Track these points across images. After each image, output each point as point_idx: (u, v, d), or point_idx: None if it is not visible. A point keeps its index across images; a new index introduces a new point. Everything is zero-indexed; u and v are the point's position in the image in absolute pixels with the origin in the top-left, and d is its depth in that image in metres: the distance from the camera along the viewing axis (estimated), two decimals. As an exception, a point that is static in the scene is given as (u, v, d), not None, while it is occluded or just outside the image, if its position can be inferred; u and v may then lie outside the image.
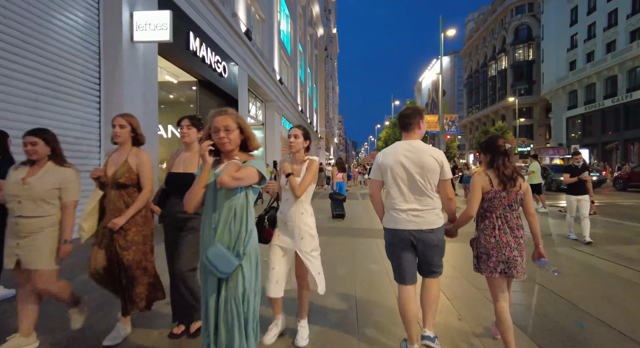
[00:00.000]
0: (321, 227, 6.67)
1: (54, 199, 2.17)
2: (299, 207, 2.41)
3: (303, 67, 29.74)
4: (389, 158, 2.14)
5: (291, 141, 2.41)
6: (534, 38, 49.95)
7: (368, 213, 8.83)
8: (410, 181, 2.08)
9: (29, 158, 2.18)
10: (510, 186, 2.11)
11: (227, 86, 10.64)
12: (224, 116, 1.71)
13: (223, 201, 1.66)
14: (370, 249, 4.86)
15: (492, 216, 2.13)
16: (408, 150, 2.10)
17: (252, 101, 15.75)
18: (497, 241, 2.08)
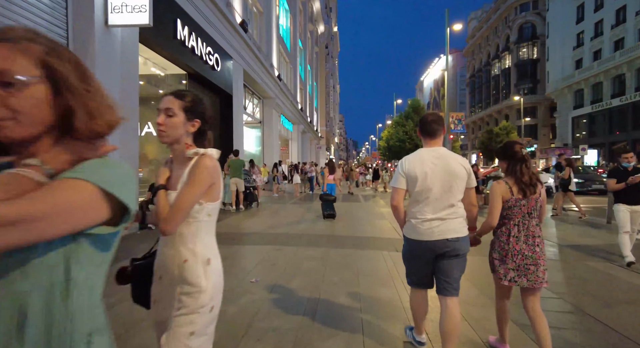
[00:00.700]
0: (320, 236, 6.03)
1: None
2: (179, 249, 1.28)
3: (303, 65, 29.04)
4: (415, 165, 2.04)
5: (160, 123, 1.28)
6: (539, 36, 49.26)
7: (372, 218, 8.13)
8: (439, 189, 1.99)
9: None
10: (530, 193, 2.09)
11: (220, 80, 9.95)
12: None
13: None
14: (378, 265, 4.15)
15: (509, 223, 2.12)
16: (435, 157, 2.03)
17: (248, 98, 15.05)
18: (509, 249, 2.08)
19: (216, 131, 10.51)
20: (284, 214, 8.52)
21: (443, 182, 1.98)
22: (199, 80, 9.06)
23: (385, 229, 6.60)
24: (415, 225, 2.02)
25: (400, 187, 2.08)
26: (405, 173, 2.06)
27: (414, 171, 2.02)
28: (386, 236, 5.90)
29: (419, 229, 2.01)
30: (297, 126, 25.16)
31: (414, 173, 2.02)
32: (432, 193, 1.99)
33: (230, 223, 7.15)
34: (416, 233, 2.02)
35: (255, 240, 5.52)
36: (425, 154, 2.06)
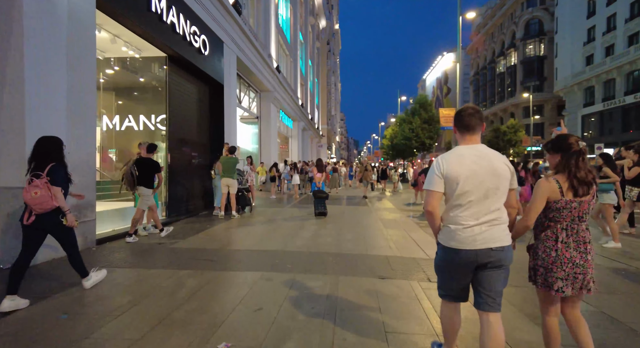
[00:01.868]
0: (324, 254, 4.57)
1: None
2: None
3: (304, 59, 27.81)
4: (455, 165, 1.80)
5: None
6: (546, 33, 48.15)
7: (383, 227, 6.88)
8: (483, 192, 1.76)
9: None
10: (583, 192, 1.88)
11: (209, 67, 8.69)
12: None
13: None
14: (410, 309, 2.90)
15: (557, 227, 1.92)
16: (477, 156, 1.80)
17: (244, 90, 13.80)
18: (558, 256, 1.89)
19: (204, 125, 9.26)
20: (281, 222, 7.27)
21: (487, 184, 1.77)
22: (183, 65, 7.80)
23: (403, 243, 5.34)
24: (455, 232, 1.80)
25: (436, 190, 1.84)
26: (443, 174, 1.82)
27: (453, 172, 1.79)
28: (408, 254, 4.65)
29: (459, 236, 1.79)
30: (297, 123, 23.92)
31: (454, 174, 1.79)
32: (474, 196, 1.77)
33: (214, 235, 5.90)
34: (455, 240, 1.80)
35: (239, 261, 4.27)
36: (465, 152, 1.84)
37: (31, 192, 2.71)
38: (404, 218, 7.98)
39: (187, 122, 8.25)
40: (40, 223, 2.80)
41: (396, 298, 3.06)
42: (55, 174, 2.82)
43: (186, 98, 8.21)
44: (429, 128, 23.56)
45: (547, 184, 1.91)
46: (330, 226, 6.76)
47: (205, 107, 9.34)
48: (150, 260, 4.20)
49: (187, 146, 8.20)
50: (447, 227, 1.85)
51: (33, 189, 2.72)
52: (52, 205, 2.78)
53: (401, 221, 7.43)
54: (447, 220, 1.86)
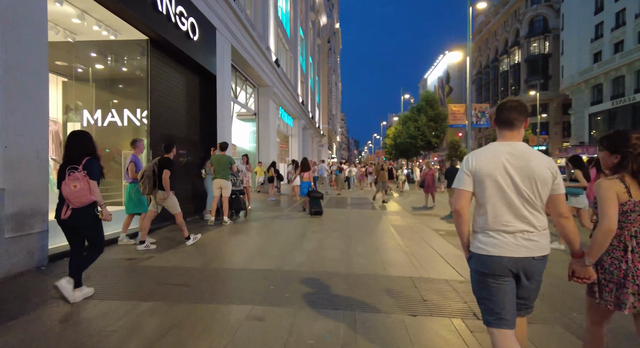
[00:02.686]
0: (332, 276, 3.24)
1: None
2: None
3: (304, 55, 26.90)
4: (486, 162, 1.63)
5: None
6: (551, 30, 47.32)
7: (397, 236, 5.95)
8: (518, 193, 1.59)
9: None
10: None
11: (199, 55, 7.76)
12: None
13: None
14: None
15: (624, 234, 1.69)
16: (511, 154, 1.61)
17: (240, 84, 12.87)
18: (630, 269, 1.64)
19: (194, 120, 8.33)
20: (279, 229, 6.35)
21: (520, 186, 1.58)
22: (168, 51, 6.87)
23: (427, 258, 4.41)
24: (490, 237, 1.60)
25: (464, 189, 1.65)
26: (472, 171, 1.64)
27: (483, 170, 1.61)
28: (437, 273, 3.72)
29: (495, 241, 1.59)
30: (297, 121, 23.00)
31: (483, 172, 1.61)
32: (506, 199, 1.59)
33: (198, 247, 4.95)
34: (490, 246, 1.59)
35: (223, 287, 3.34)
36: (499, 149, 1.64)
37: (70, 185, 2.70)
38: (418, 224, 7.05)
39: (173, 116, 7.32)
40: (73, 219, 2.78)
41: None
42: (91, 167, 2.82)
43: (172, 88, 7.28)
44: (435, 126, 22.57)
45: (613, 183, 1.68)
46: (335, 235, 5.82)
47: (195, 100, 8.41)
48: (107, 285, 3.26)
49: (174, 142, 7.27)
50: (481, 233, 1.65)
51: (72, 182, 2.71)
52: (90, 199, 2.78)
53: (417, 229, 6.49)
54: (479, 224, 1.67)
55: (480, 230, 1.66)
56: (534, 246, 1.57)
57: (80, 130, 3.06)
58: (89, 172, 2.79)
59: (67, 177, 2.73)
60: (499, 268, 1.57)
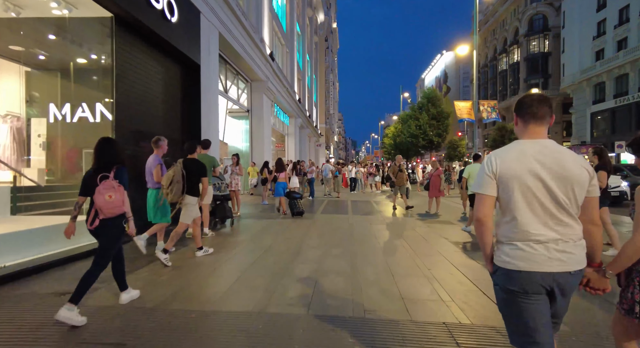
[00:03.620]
0: (343, 323, 2.24)
1: None
2: None
3: (301, 52, 25.90)
4: (513, 163, 1.43)
5: None
6: (551, 28, 46.87)
7: (413, 252, 4.98)
8: (551, 198, 1.39)
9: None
10: None
11: (179, 40, 6.74)
12: None
13: None
14: None
15: None
16: (541, 153, 1.42)
17: (231, 78, 11.84)
18: None
19: (174, 115, 7.30)
20: (268, 244, 5.35)
21: (554, 189, 1.38)
22: (139, 32, 5.85)
23: (460, 289, 3.44)
24: (519, 249, 1.39)
25: (487, 193, 1.45)
26: (495, 174, 1.44)
27: (509, 171, 1.41)
28: (480, 318, 2.75)
29: (525, 254, 1.38)
30: (294, 120, 21.99)
31: (510, 174, 1.41)
32: (540, 202, 1.39)
33: (161, 273, 3.94)
34: (519, 259, 1.38)
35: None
36: (527, 147, 1.45)
37: (105, 195, 2.58)
38: (432, 234, 6.09)
39: (146, 109, 6.29)
40: (100, 228, 2.66)
41: None
42: (121, 177, 2.73)
43: (146, 77, 6.25)
44: (438, 125, 21.63)
45: None
46: (337, 251, 4.82)
47: (176, 92, 7.38)
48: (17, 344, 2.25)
49: (147, 140, 6.24)
50: (510, 244, 1.43)
51: (107, 191, 2.60)
52: (122, 210, 2.70)
53: (432, 240, 5.52)
54: (506, 234, 1.44)
55: (506, 241, 1.46)
56: (569, 258, 1.39)
57: (108, 137, 2.93)
58: (120, 181, 2.69)
59: (100, 185, 2.60)
60: (530, 284, 1.38)
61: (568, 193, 1.38)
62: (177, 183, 4.09)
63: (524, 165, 1.40)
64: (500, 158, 1.46)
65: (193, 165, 4.27)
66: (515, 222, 1.41)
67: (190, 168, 4.23)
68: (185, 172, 4.16)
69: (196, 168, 4.27)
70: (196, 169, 4.28)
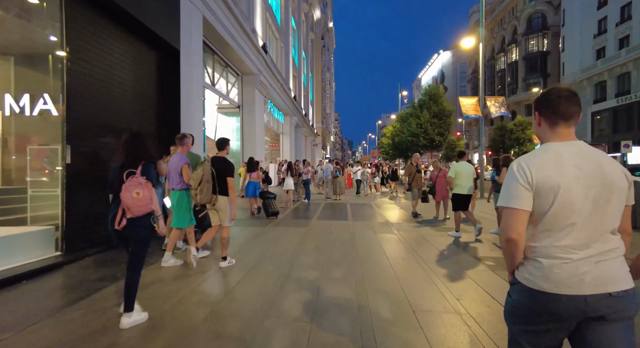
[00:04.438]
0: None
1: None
2: None
3: (297, 48, 24.94)
4: (551, 170, 1.23)
5: None
6: (550, 27, 46.50)
7: (437, 287, 4.05)
8: (591, 210, 1.21)
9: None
10: None
11: (153, 19, 5.77)
12: None
13: None
14: None
15: None
16: (579, 157, 1.24)
17: (219, 71, 10.86)
18: None
19: (149, 107, 6.32)
20: (254, 262, 4.40)
21: (595, 198, 1.21)
22: (99, 5, 4.87)
23: (501, 327, 2.51)
24: (550, 268, 1.21)
25: (521, 208, 1.24)
26: (532, 184, 1.23)
27: (549, 180, 1.21)
28: None
29: (557, 275, 1.20)
30: (289, 118, 21.03)
31: (550, 183, 1.21)
32: (579, 217, 1.20)
33: (107, 307, 2.98)
34: (551, 281, 1.20)
35: None
36: (562, 150, 1.26)
37: (132, 192, 2.43)
38: (449, 246, 5.18)
39: (109, 100, 5.29)
40: (128, 229, 2.49)
41: None
42: (149, 173, 2.59)
43: (110, 61, 5.27)
44: (439, 123, 20.80)
45: None
46: (339, 272, 3.88)
47: (150, 80, 6.40)
48: None
49: (112, 135, 5.25)
50: (535, 261, 1.26)
51: (135, 188, 2.45)
52: (150, 208, 2.53)
53: (453, 257, 4.60)
54: (536, 251, 1.27)
55: (532, 256, 1.27)
56: (608, 278, 1.17)
57: (137, 132, 2.76)
58: (148, 178, 2.53)
59: (127, 182, 2.44)
60: (561, 309, 1.18)
61: (610, 203, 1.20)
62: (207, 183, 3.82)
63: (564, 172, 1.22)
64: (535, 165, 1.26)
65: (220, 163, 4.01)
66: (547, 237, 1.24)
67: (218, 167, 3.96)
68: (214, 171, 3.91)
69: (223, 167, 4.00)
70: (223, 168, 4.01)
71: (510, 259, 1.31)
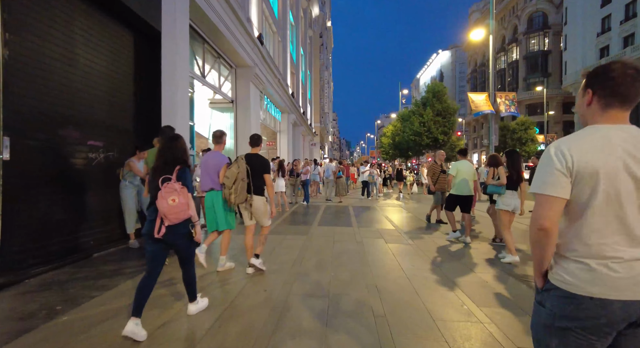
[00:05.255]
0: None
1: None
2: None
3: (295, 44, 24.10)
4: (596, 154, 1.07)
5: None
6: (551, 26, 46.13)
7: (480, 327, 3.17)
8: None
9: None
10: None
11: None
12: None
13: None
14: None
15: None
16: (631, 143, 1.08)
17: (209, 61, 9.98)
18: None
19: (123, 95, 5.42)
20: (240, 285, 3.53)
21: None
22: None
23: None
24: (598, 270, 1.05)
25: (558, 195, 1.10)
26: (571, 170, 1.08)
27: (591, 164, 1.06)
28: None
29: (608, 277, 1.04)
30: (287, 116, 20.17)
31: (592, 168, 1.06)
32: (628, 210, 1.05)
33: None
34: (601, 283, 1.04)
35: None
36: (612, 134, 1.10)
37: (168, 199, 2.33)
38: (479, 262, 4.34)
39: (72, 83, 4.39)
40: (169, 237, 2.39)
41: None
42: (185, 178, 2.48)
43: (70, 39, 4.37)
44: (443, 122, 19.97)
45: None
46: (349, 304, 3.02)
47: (124, 65, 5.50)
48: None
49: (73, 128, 4.35)
50: (577, 262, 1.09)
51: (170, 195, 2.34)
52: (188, 214, 2.43)
53: (491, 281, 3.76)
54: (577, 250, 1.09)
55: (572, 256, 1.11)
56: None
57: (176, 134, 2.65)
58: (183, 184, 2.43)
59: (162, 189, 2.33)
60: (603, 318, 1.03)
61: None
62: (242, 181, 3.60)
63: (613, 158, 1.06)
64: (577, 148, 1.09)
65: (256, 160, 3.80)
66: (591, 233, 1.09)
67: (255, 164, 3.75)
68: (249, 169, 3.70)
69: (259, 164, 3.79)
70: (259, 165, 3.79)
71: (540, 254, 1.16)
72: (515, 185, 4.51)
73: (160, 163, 2.47)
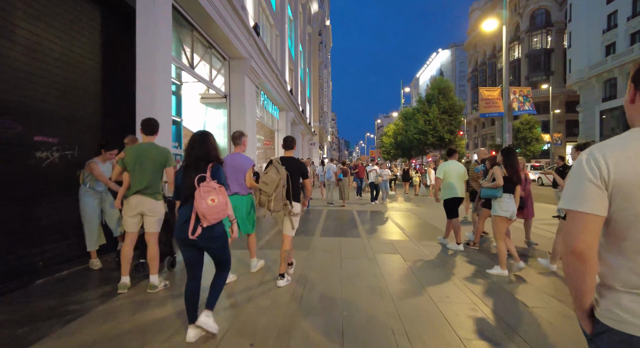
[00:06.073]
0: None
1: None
2: None
3: (293, 40, 23.20)
4: (635, 162, 0.89)
5: None
6: (554, 23, 45.35)
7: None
8: None
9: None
10: None
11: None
12: None
13: None
14: None
15: None
16: None
17: (199, 51, 9.05)
18: None
19: (90, 83, 4.48)
20: (222, 327, 2.62)
21: None
22: None
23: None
24: None
25: (593, 212, 0.91)
26: (607, 181, 0.90)
27: (634, 176, 0.88)
28: None
29: None
30: (285, 114, 19.26)
31: (629, 179, 0.88)
32: None
33: None
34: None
35: None
36: None
37: (207, 199, 2.19)
38: (545, 286, 3.45)
39: (18, 64, 3.46)
40: (204, 238, 2.26)
41: None
42: (219, 176, 2.37)
43: (12, 8, 3.44)
44: (449, 120, 19.07)
45: None
46: None
47: (90, 47, 4.57)
48: None
49: (16, 120, 3.41)
50: (630, 293, 0.89)
51: (209, 194, 2.19)
52: (226, 214, 2.31)
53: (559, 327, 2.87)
54: (624, 278, 0.89)
55: (623, 287, 0.90)
56: None
57: (205, 130, 2.52)
58: (219, 181, 2.31)
59: (200, 189, 2.20)
60: None
61: None
62: (283, 188, 3.29)
63: None
64: (614, 154, 0.90)
65: (294, 164, 3.57)
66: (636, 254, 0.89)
67: (293, 168, 3.49)
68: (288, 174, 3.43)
69: (297, 169, 3.56)
70: (296, 169, 3.57)
71: (577, 285, 0.95)
72: (514, 187, 4.06)
73: (191, 160, 2.34)
